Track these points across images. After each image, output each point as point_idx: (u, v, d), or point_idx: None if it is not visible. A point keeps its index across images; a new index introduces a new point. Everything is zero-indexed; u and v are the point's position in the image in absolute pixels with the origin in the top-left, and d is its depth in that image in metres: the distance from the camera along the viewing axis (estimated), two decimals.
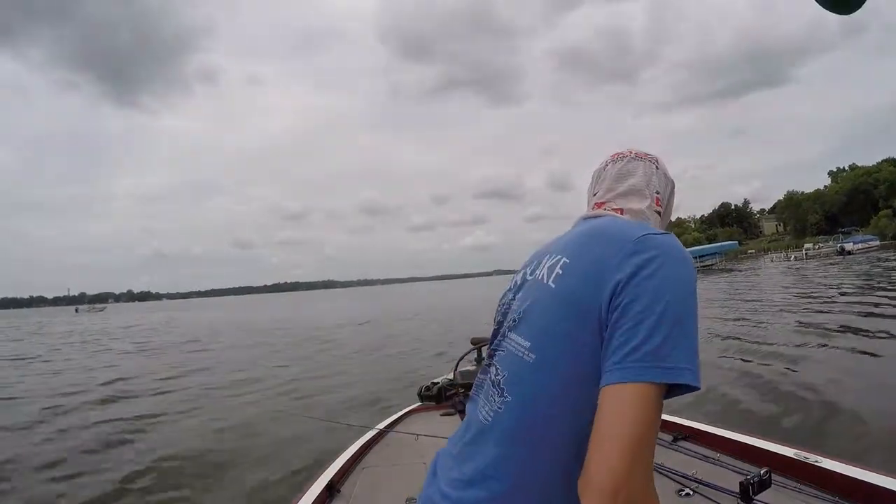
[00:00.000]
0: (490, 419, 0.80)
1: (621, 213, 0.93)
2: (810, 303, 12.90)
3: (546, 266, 0.83)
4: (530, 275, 0.88)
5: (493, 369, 0.84)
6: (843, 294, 14.17)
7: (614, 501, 0.58)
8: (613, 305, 0.68)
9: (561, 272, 0.79)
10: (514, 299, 0.89)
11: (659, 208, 0.97)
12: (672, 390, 0.65)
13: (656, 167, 1.01)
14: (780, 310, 12.16)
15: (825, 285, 17.71)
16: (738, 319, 11.38)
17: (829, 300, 13.13)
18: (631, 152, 1.04)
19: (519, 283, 0.91)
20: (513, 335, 0.82)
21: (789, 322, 10.18)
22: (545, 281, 0.81)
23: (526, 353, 0.78)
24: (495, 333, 0.91)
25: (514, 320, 0.84)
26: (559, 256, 0.81)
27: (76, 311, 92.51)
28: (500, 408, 0.79)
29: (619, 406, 0.62)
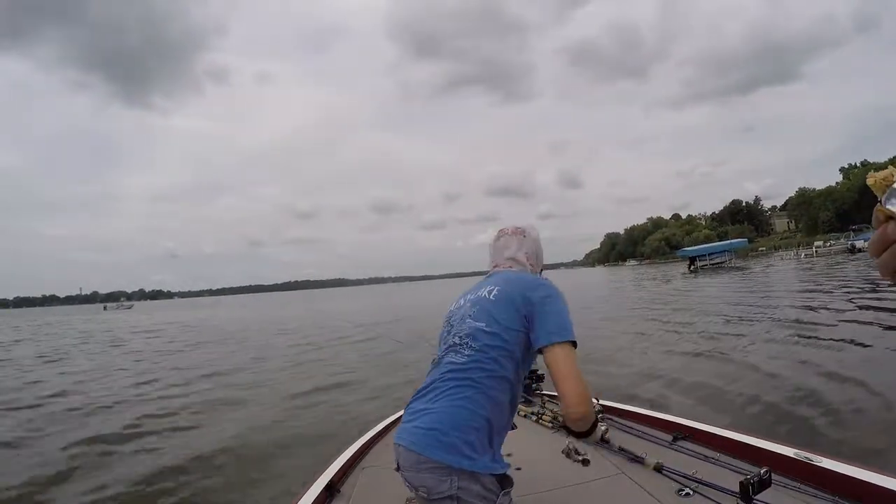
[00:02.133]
0: (457, 365, 1.37)
1: (513, 268, 1.61)
2: (815, 302, 12.80)
3: (486, 290, 1.48)
4: (472, 296, 1.51)
5: (455, 338, 1.43)
6: (851, 291, 14.03)
7: (585, 405, 1.26)
8: (532, 309, 1.37)
9: (496, 292, 1.45)
10: (463, 306, 1.51)
11: (531, 264, 1.64)
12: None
13: (524, 236, 1.67)
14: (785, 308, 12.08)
15: (832, 283, 17.57)
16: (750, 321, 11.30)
17: (834, 298, 13.02)
18: (508, 230, 1.69)
19: (466, 300, 1.53)
20: (469, 320, 1.43)
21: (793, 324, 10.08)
22: (487, 297, 1.46)
23: (482, 326, 1.39)
24: (451, 324, 1.50)
25: (469, 314, 1.45)
26: (492, 286, 1.47)
27: (104, 308, 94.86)
28: (466, 356, 1.37)
29: (564, 355, 1.29)
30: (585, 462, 1.91)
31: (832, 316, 10.18)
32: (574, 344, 1.32)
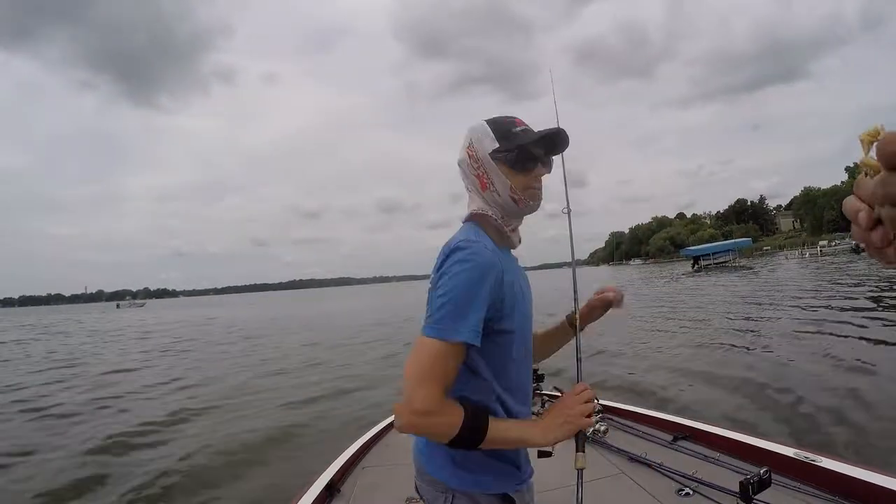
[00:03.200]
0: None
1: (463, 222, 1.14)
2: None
3: None
4: None
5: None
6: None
7: (406, 416, 0.92)
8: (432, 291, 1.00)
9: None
10: None
11: (474, 191, 1.12)
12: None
13: (468, 153, 1.10)
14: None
15: (846, 280, 17.50)
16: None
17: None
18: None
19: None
20: None
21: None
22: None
23: None
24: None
25: None
26: None
27: (118, 306, 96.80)
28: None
29: (414, 349, 0.95)
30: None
31: (846, 316, 10.13)
32: (445, 341, 0.93)
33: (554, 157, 1.15)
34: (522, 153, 1.07)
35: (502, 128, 1.09)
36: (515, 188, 1.07)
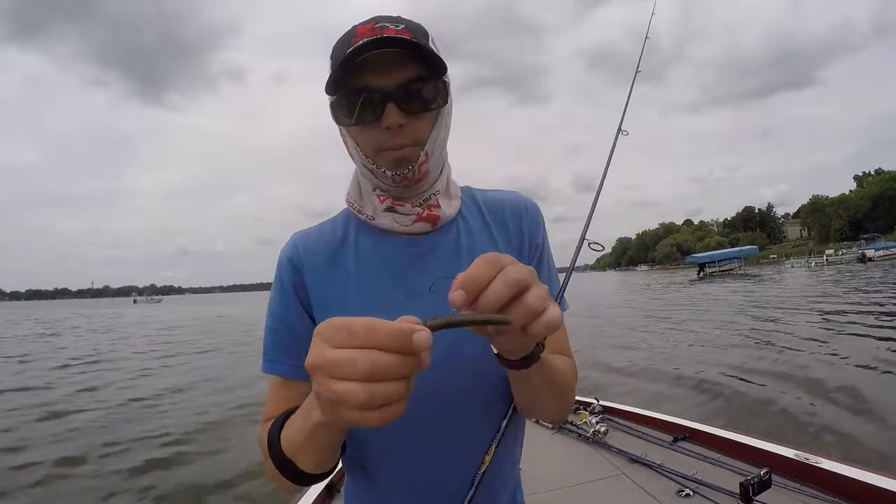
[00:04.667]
0: None
1: None
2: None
3: None
4: None
5: None
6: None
7: None
8: None
9: None
10: None
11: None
12: None
13: None
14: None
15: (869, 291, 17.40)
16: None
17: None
18: None
19: None
20: None
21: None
22: None
23: None
24: None
25: None
26: None
27: (134, 301, 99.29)
28: None
29: None
30: None
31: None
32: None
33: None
34: (340, 92, 0.65)
35: (336, 50, 0.65)
36: (366, 150, 0.67)
